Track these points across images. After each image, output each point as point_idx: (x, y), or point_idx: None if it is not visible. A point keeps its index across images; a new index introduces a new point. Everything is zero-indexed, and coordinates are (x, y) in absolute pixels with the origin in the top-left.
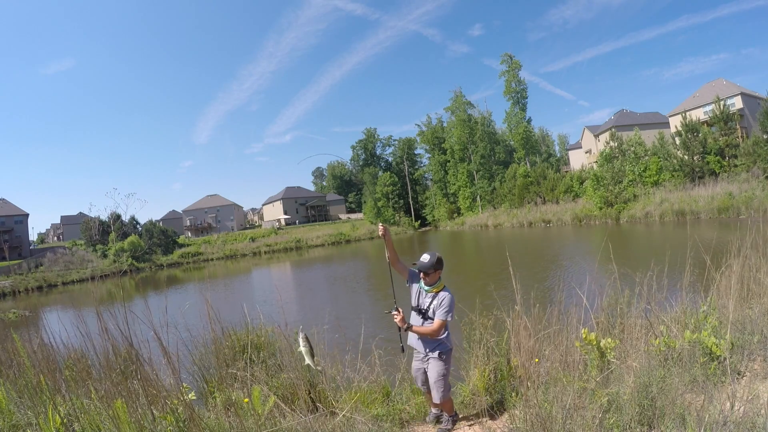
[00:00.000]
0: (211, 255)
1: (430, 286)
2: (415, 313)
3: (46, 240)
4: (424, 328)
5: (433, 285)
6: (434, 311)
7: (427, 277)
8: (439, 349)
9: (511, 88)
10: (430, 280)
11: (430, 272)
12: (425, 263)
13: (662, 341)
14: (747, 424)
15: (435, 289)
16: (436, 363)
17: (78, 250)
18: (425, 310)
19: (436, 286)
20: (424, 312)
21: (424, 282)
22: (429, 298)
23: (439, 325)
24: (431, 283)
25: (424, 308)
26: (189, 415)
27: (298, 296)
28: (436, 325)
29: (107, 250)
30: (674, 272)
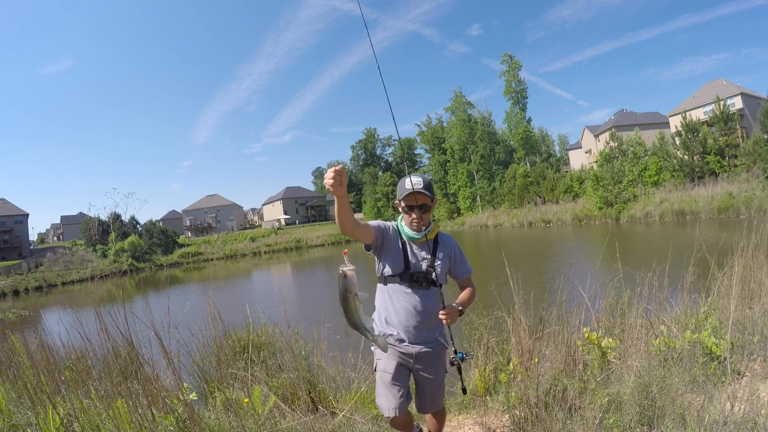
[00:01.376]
0: (211, 255)
1: (422, 231)
2: (401, 287)
3: (46, 240)
4: (468, 295)
5: (428, 228)
6: (448, 265)
7: (417, 213)
8: (438, 342)
9: (511, 88)
10: (425, 218)
11: (425, 201)
12: (418, 184)
13: (662, 341)
14: (747, 424)
15: (430, 234)
16: (440, 357)
17: (78, 250)
18: (427, 272)
19: (431, 230)
20: (425, 276)
21: (413, 226)
22: (424, 251)
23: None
24: (426, 224)
25: (424, 269)
26: (189, 415)
27: (299, 296)
28: (471, 285)
29: (107, 250)
30: (675, 272)
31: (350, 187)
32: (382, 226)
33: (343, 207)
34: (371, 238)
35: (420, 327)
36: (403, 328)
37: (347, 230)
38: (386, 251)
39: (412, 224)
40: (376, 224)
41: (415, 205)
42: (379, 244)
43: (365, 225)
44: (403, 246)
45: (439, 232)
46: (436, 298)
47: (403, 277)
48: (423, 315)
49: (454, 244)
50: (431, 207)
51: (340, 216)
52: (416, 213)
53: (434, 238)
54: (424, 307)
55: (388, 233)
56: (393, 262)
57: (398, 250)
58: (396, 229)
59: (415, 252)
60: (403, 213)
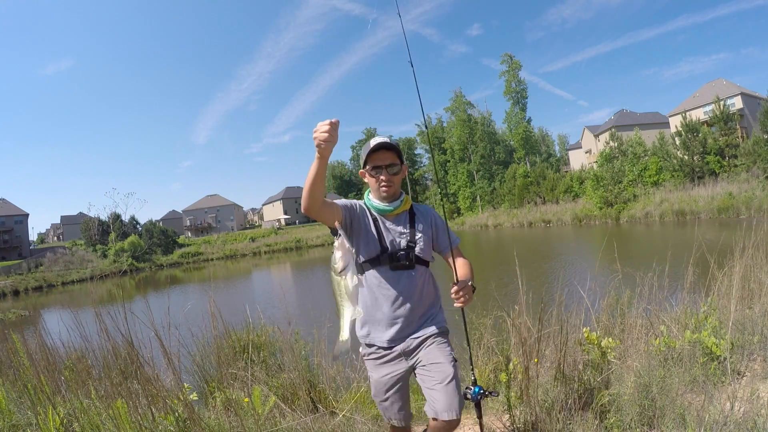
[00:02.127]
0: (211, 255)
1: (394, 203)
2: (381, 273)
3: (46, 240)
4: (468, 268)
5: (400, 199)
6: (431, 238)
7: (385, 175)
8: (439, 323)
9: (511, 88)
10: (395, 182)
11: (393, 161)
12: (381, 142)
13: (662, 341)
14: (747, 424)
15: (403, 205)
16: (441, 348)
17: (78, 250)
18: (408, 249)
19: (403, 200)
20: (407, 253)
21: (382, 192)
22: (400, 225)
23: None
24: (397, 195)
25: (404, 246)
26: (189, 415)
27: (299, 296)
28: (463, 257)
29: (107, 250)
30: (675, 272)
31: (350, 187)
32: (348, 204)
33: (321, 176)
34: (339, 217)
35: (412, 315)
36: (389, 323)
37: (315, 206)
38: (356, 233)
39: (380, 190)
40: (342, 202)
41: (383, 165)
42: (348, 225)
43: (332, 203)
44: (375, 223)
45: (413, 203)
46: (426, 278)
47: (381, 260)
48: (413, 300)
49: (433, 212)
50: (401, 172)
51: (313, 186)
52: (385, 174)
53: (409, 209)
54: (413, 291)
55: (356, 211)
56: (366, 244)
57: (369, 229)
58: (363, 207)
59: (390, 228)
60: (369, 179)
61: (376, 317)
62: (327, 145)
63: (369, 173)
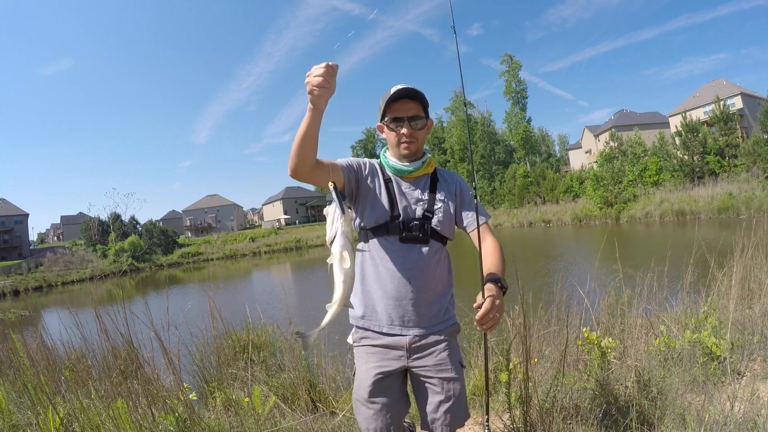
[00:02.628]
0: (211, 255)
1: (415, 163)
2: (388, 243)
3: (46, 240)
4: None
5: (422, 160)
6: (454, 209)
7: (407, 127)
8: (450, 318)
9: (511, 88)
10: (419, 138)
11: (417, 112)
12: (404, 89)
13: (662, 341)
14: (747, 424)
15: (425, 167)
16: (452, 345)
17: (78, 250)
18: (424, 219)
19: (425, 162)
20: (422, 224)
21: (402, 148)
22: (418, 189)
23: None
24: (419, 154)
25: (419, 214)
26: (189, 415)
27: (299, 296)
28: (493, 238)
29: (107, 250)
30: (675, 272)
31: None
32: (355, 164)
33: (313, 132)
34: (338, 178)
35: (419, 300)
36: (392, 304)
37: (304, 169)
38: (363, 195)
39: (401, 146)
40: (346, 161)
41: (405, 117)
42: (354, 188)
43: (330, 164)
44: (388, 185)
45: (438, 167)
46: (441, 258)
47: (390, 228)
48: (423, 281)
49: (459, 179)
50: (427, 127)
51: (303, 145)
52: (406, 127)
53: (432, 173)
54: (424, 270)
55: (363, 171)
56: (374, 208)
57: (381, 190)
58: (375, 166)
59: (405, 192)
60: (387, 134)
61: (375, 296)
62: (321, 93)
63: (388, 126)
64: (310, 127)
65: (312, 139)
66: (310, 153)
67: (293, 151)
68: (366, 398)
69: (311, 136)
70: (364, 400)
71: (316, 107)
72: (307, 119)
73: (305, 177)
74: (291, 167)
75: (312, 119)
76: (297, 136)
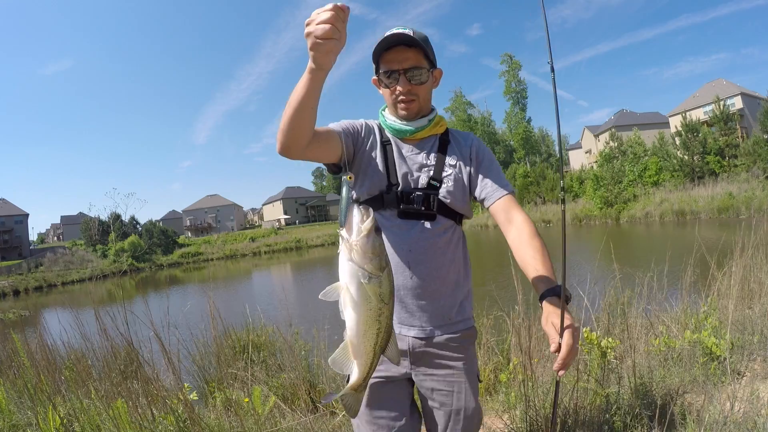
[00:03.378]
0: (211, 255)
1: (418, 121)
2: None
3: (46, 240)
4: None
5: (428, 117)
6: (468, 178)
7: (403, 82)
8: (466, 319)
9: (511, 88)
10: (420, 94)
11: (417, 63)
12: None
13: (662, 341)
14: (747, 424)
15: (433, 127)
16: (467, 350)
17: (78, 250)
18: (429, 189)
19: (433, 120)
20: (426, 196)
21: (399, 107)
22: (423, 153)
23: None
24: (424, 107)
25: (423, 183)
26: (189, 415)
27: (299, 296)
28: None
29: (107, 250)
30: (675, 272)
31: None
32: (351, 127)
33: (312, 98)
34: (337, 147)
35: (421, 291)
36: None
37: (299, 144)
38: (359, 161)
39: (398, 104)
40: (340, 126)
41: (399, 70)
42: (352, 153)
43: (326, 130)
44: (385, 147)
45: (450, 129)
46: (452, 238)
47: (386, 200)
48: (425, 267)
49: (476, 140)
50: (432, 79)
51: (300, 112)
52: (403, 82)
53: (443, 133)
54: (429, 252)
55: (360, 133)
56: (370, 177)
57: (377, 155)
58: (373, 127)
59: (407, 156)
60: (382, 90)
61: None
62: (329, 47)
63: (381, 81)
64: (309, 92)
65: (311, 109)
66: (307, 126)
67: (285, 123)
68: (364, 410)
69: (310, 106)
70: (363, 414)
71: (319, 66)
72: (305, 82)
73: (298, 154)
74: (282, 143)
75: (312, 82)
76: (290, 105)
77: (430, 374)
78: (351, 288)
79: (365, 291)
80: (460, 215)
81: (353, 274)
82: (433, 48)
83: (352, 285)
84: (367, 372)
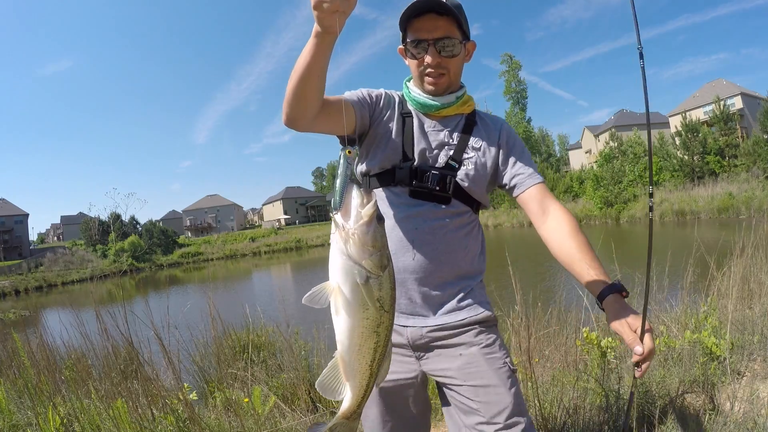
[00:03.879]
0: (211, 255)
1: (445, 97)
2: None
3: (46, 240)
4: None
5: (457, 94)
6: (492, 163)
7: (433, 54)
8: (481, 303)
9: (511, 88)
10: (451, 68)
11: (449, 33)
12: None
13: (662, 341)
14: (747, 424)
15: (460, 105)
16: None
17: (78, 250)
18: (447, 170)
19: (461, 97)
20: (438, 175)
21: (426, 81)
22: (446, 130)
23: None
24: (454, 82)
25: (442, 163)
26: (189, 415)
27: (299, 296)
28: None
29: (107, 250)
30: (674, 272)
31: None
32: (368, 97)
33: (319, 64)
34: (350, 119)
35: (425, 276)
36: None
37: (307, 114)
38: (374, 134)
39: (425, 78)
40: (357, 96)
41: (429, 39)
42: (367, 126)
43: (338, 100)
44: (405, 119)
45: (479, 110)
46: (467, 224)
47: (398, 176)
48: (432, 250)
49: (505, 125)
50: (465, 52)
51: (307, 79)
52: (432, 54)
53: (470, 114)
54: (434, 234)
55: (378, 104)
56: (381, 147)
57: (393, 126)
58: (393, 97)
59: (428, 132)
60: (409, 61)
61: None
62: (333, 4)
63: (407, 51)
64: (315, 58)
65: (317, 77)
66: (314, 96)
67: (290, 92)
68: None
69: (316, 74)
70: (372, 420)
71: (325, 28)
72: (310, 47)
73: (306, 126)
74: (287, 114)
75: (318, 47)
76: (295, 73)
77: (442, 367)
78: (344, 289)
79: (361, 294)
80: (477, 203)
81: (348, 272)
82: (467, 18)
83: (345, 286)
84: (363, 396)
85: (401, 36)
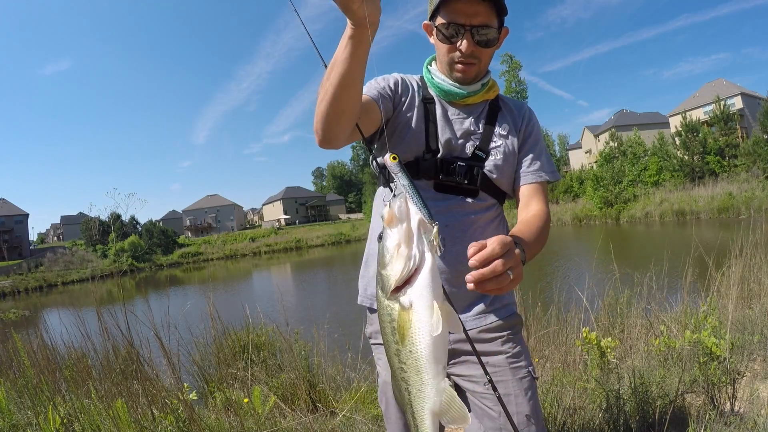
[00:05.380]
0: (211, 255)
1: (471, 85)
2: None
3: (46, 240)
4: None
5: (482, 82)
6: (517, 152)
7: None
8: (507, 306)
9: (511, 88)
10: (483, 58)
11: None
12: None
13: (662, 341)
14: (747, 424)
15: (486, 92)
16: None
17: (78, 250)
18: (473, 160)
19: (487, 84)
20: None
21: (456, 69)
22: (471, 118)
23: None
24: (479, 76)
25: (468, 153)
26: (189, 415)
27: (298, 296)
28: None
29: (107, 250)
30: (674, 272)
31: (350, 186)
32: (387, 88)
33: (360, 65)
34: (376, 118)
35: (455, 276)
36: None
37: (349, 124)
38: (393, 123)
39: (455, 65)
40: (377, 90)
41: (467, 25)
42: (391, 117)
43: (367, 103)
44: (427, 107)
45: (501, 94)
46: (494, 218)
47: (423, 168)
48: (463, 248)
49: (530, 111)
50: (498, 40)
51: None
52: (467, 42)
53: (494, 99)
54: (465, 231)
55: (397, 92)
56: (402, 137)
57: (414, 114)
58: (413, 84)
59: (453, 120)
60: (437, 44)
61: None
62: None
63: (438, 33)
64: (353, 61)
65: (360, 81)
66: (356, 106)
67: (327, 111)
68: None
69: (359, 78)
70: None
71: (360, 23)
72: (348, 50)
73: (345, 142)
74: (325, 136)
75: (354, 48)
76: (331, 86)
77: (465, 373)
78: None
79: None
80: (503, 194)
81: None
82: (504, 4)
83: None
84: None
85: (430, 11)
